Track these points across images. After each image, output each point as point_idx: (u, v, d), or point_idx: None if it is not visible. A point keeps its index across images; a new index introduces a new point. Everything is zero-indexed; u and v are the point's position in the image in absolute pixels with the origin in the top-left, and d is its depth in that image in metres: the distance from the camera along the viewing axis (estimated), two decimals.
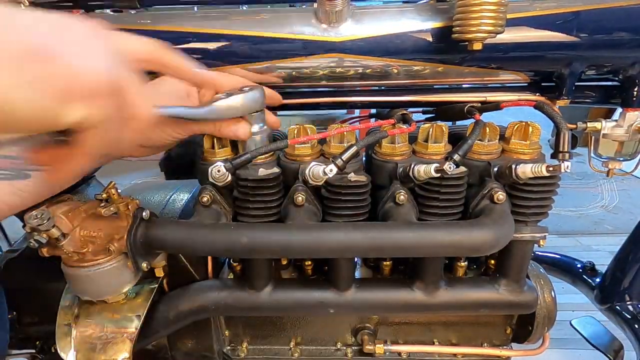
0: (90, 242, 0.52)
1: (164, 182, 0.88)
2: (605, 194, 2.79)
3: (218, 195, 0.58)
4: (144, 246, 0.52)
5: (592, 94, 0.66)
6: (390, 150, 0.57)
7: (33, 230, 0.49)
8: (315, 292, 0.62)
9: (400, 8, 0.57)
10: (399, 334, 0.73)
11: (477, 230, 0.51)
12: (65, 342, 0.58)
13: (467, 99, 0.62)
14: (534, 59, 0.57)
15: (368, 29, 0.55)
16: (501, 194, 0.54)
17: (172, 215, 0.72)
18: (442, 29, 0.54)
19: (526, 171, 0.51)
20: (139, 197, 0.60)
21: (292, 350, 0.73)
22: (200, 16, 0.58)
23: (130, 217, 0.52)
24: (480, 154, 0.57)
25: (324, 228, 0.53)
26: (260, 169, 0.54)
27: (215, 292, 0.62)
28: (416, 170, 0.53)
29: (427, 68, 0.58)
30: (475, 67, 0.58)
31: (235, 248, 0.51)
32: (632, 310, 0.87)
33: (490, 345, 0.73)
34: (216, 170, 0.50)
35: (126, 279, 0.55)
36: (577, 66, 0.57)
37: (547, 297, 0.66)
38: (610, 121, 0.61)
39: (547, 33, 0.54)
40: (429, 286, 0.61)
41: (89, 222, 0.53)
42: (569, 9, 0.54)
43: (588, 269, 1.01)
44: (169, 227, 0.53)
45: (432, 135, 0.57)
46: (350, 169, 0.55)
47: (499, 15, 0.48)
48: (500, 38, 0.52)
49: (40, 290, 0.68)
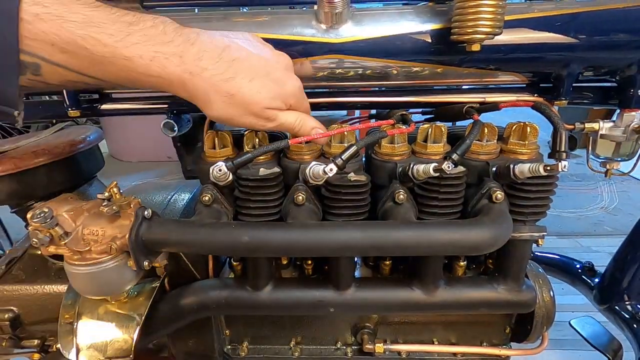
0: (92, 240, 0.53)
1: (165, 183, 0.89)
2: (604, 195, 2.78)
3: (219, 194, 0.58)
4: (146, 245, 0.53)
5: (590, 94, 0.66)
6: (389, 150, 0.58)
7: (36, 228, 0.50)
8: (316, 292, 0.62)
9: (400, 10, 0.57)
10: (399, 333, 0.74)
11: (476, 229, 0.52)
12: (67, 340, 0.58)
13: (466, 100, 0.62)
14: (532, 60, 0.57)
15: (368, 31, 0.56)
16: (499, 194, 0.54)
17: (173, 214, 0.73)
18: (440, 31, 0.55)
19: (524, 171, 0.52)
20: (141, 197, 0.61)
21: (292, 349, 0.74)
22: (201, 18, 0.59)
23: (132, 216, 0.52)
24: (479, 154, 0.58)
25: (324, 227, 0.53)
26: (261, 168, 0.55)
27: (216, 291, 0.63)
28: (415, 170, 0.54)
29: (426, 69, 0.59)
30: (474, 68, 0.59)
31: (236, 247, 0.52)
32: (630, 310, 0.88)
33: (489, 345, 0.73)
34: (217, 169, 0.50)
35: (128, 277, 0.56)
36: (574, 67, 0.58)
37: (545, 296, 0.66)
38: (607, 122, 0.62)
39: (545, 34, 0.55)
40: (429, 285, 0.61)
41: (91, 221, 0.54)
42: (567, 10, 0.54)
43: (587, 269, 1.01)
44: (171, 226, 0.54)
45: (431, 135, 0.57)
46: (350, 169, 0.55)
47: (496, 17, 0.48)
48: (498, 39, 0.53)
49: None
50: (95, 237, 0.52)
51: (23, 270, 0.72)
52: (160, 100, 0.65)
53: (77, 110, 0.64)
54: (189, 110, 0.66)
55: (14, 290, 0.69)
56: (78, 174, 0.78)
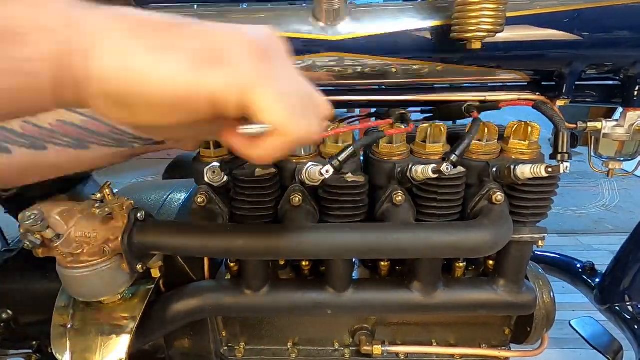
0: (85, 243, 0.52)
1: (161, 182, 0.88)
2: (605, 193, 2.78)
3: (214, 195, 0.57)
4: (139, 247, 0.52)
5: (593, 93, 0.65)
6: (388, 150, 0.57)
7: (27, 231, 0.49)
8: (313, 293, 0.61)
9: (399, 7, 0.56)
10: (397, 334, 0.73)
11: (476, 232, 0.51)
12: (60, 343, 0.57)
13: (466, 98, 0.61)
14: (533, 58, 0.56)
15: (366, 28, 0.55)
16: (500, 195, 0.53)
17: (168, 215, 0.72)
18: (441, 28, 0.54)
19: (525, 172, 0.51)
20: (136, 196, 0.60)
21: (289, 350, 0.73)
22: (198, 15, 0.58)
23: (125, 218, 0.51)
24: (478, 154, 0.57)
25: (320, 230, 0.52)
26: (257, 169, 0.54)
27: (212, 293, 0.62)
28: (414, 171, 0.53)
29: (425, 67, 0.57)
30: (475, 66, 0.57)
31: (231, 250, 0.51)
32: (631, 311, 0.87)
33: (488, 346, 0.72)
34: (212, 170, 0.49)
35: (122, 280, 0.55)
36: (577, 65, 0.56)
37: (546, 297, 0.66)
38: (610, 121, 0.60)
39: (547, 32, 0.53)
40: (427, 287, 0.60)
41: (84, 223, 0.53)
42: (570, 7, 0.53)
43: (588, 269, 1.00)
44: (164, 229, 0.53)
45: (430, 135, 0.56)
46: (348, 169, 0.54)
47: (498, 14, 0.47)
48: (499, 37, 0.52)
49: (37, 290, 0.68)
50: (88, 239, 0.52)
51: (18, 270, 0.71)
52: None
53: None
54: None
55: (8, 291, 0.68)
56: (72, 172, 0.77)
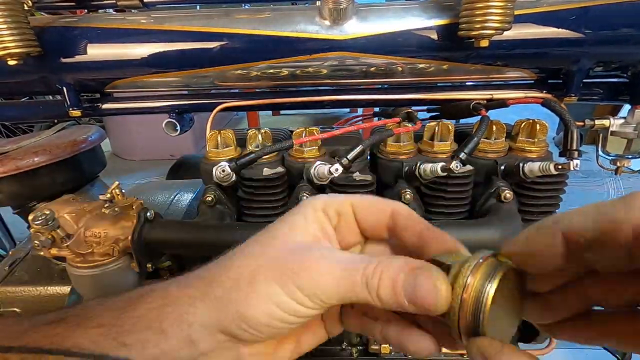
0: (94, 242, 0.52)
1: (168, 182, 0.88)
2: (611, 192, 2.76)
3: (222, 195, 0.58)
4: (148, 247, 0.52)
5: (600, 90, 0.65)
6: (395, 149, 0.57)
7: (37, 231, 0.49)
8: None
9: (405, 5, 0.56)
10: None
11: (484, 230, 0.51)
12: None
13: (473, 97, 0.61)
14: (541, 56, 0.56)
15: (372, 27, 0.55)
16: (508, 193, 0.53)
17: (176, 215, 0.72)
18: (447, 26, 0.53)
19: (534, 169, 0.51)
20: (143, 197, 0.60)
21: None
22: (203, 15, 0.58)
23: (135, 218, 0.52)
24: (487, 152, 0.57)
25: None
26: (265, 168, 0.54)
27: None
28: (422, 169, 0.52)
29: (432, 66, 0.57)
30: (482, 64, 0.57)
31: None
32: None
33: None
34: (220, 170, 0.50)
35: (131, 279, 0.55)
36: (585, 63, 0.56)
37: None
38: (618, 118, 0.60)
39: (554, 29, 0.53)
40: None
41: (93, 223, 0.53)
42: (577, 4, 0.53)
43: None
44: (173, 227, 0.53)
45: (438, 133, 0.56)
46: (356, 168, 0.54)
47: (506, 11, 0.47)
48: (507, 35, 0.51)
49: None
50: (98, 239, 0.52)
51: (26, 271, 0.71)
52: (161, 99, 0.64)
53: (78, 110, 0.63)
54: (191, 109, 0.65)
55: (17, 292, 0.69)
56: (80, 174, 0.77)
